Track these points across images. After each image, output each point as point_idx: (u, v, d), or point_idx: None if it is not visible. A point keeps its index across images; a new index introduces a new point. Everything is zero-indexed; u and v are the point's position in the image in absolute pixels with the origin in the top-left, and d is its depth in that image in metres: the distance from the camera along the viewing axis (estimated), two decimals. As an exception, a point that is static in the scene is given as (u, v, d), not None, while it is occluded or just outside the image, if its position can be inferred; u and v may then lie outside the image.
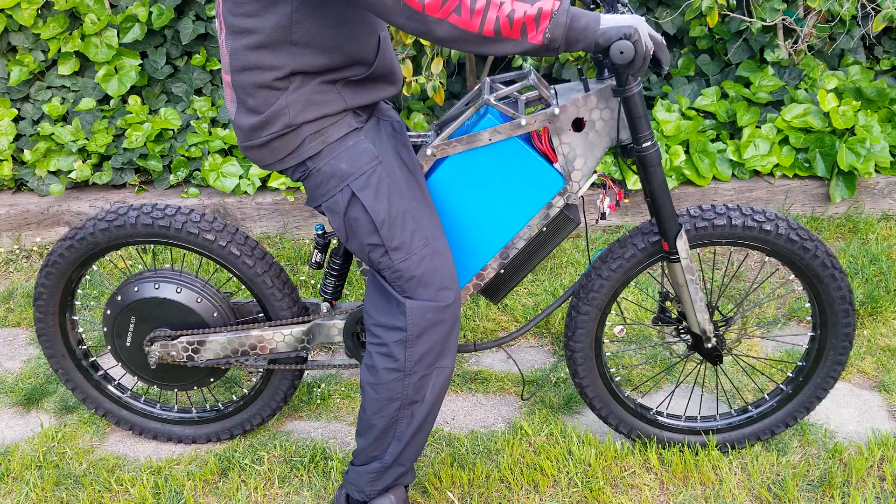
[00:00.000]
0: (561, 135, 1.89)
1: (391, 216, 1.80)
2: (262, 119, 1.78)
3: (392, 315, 1.82)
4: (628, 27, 1.61)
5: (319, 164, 1.81)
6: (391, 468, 1.92)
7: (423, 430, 1.90)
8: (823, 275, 2.01)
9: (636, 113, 1.82)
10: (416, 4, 1.57)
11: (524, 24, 1.59)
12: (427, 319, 1.80)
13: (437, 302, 1.81)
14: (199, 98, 3.71)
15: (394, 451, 1.90)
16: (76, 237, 2.11)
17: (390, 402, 1.85)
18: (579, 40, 1.61)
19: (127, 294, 2.15)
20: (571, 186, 1.94)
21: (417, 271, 1.80)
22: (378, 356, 1.84)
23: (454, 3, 1.57)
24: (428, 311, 1.80)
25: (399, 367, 1.82)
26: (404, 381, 1.83)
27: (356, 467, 1.96)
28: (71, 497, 2.17)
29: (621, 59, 1.61)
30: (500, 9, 1.58)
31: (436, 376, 1.85)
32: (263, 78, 1.74)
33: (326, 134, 1.81)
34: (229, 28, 1.75)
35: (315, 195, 1.87)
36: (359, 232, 1.82)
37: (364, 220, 1.80)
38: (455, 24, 1.59)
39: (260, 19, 1.70)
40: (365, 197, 1.79)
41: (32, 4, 3.58)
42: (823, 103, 3.35)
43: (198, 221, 2.08)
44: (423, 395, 1.86)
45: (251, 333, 2.15)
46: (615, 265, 2.03)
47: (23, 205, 3.62)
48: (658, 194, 1.91)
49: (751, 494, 2.09)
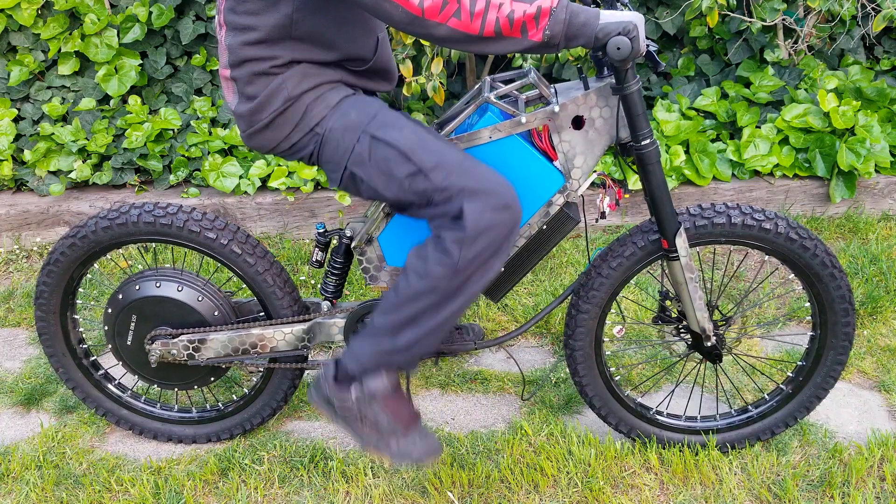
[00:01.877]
0: (561, 133, 1.90)
1: (417, 140, 1.77)
2: (262, 99, 1.80)
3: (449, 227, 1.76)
4: (627, 23, 1.62)
5: (329, 123, 1.82)
6: (400, 353, 1.86)
7: (446, 325, 1.84)
8: (823, 274, 2.00)
9: (635, 111, 1.83)
10: (414, 9, 1.59)
11: (524, 23, 1.60)
12: (486, 218, 1.72)
13: (497, 199, 1.74)
14: (199, 98, 3.71)
15: (409, 338, 1.84)
16: (78, 235, 2.12)
17: (430, 293, 1.79)
18: (579, 36, 1.62)
19: (128, 292, 2.15)
20: (571, 184, 1.94)
21: (462, 181, 1.74)
22: (433, 248, 1.78)
23: (453, 7, 1.58)
24: (486, 211, 1.73)
25: (451, 264, 1.75)
26: (452, 278, 1.76)
27: (364, 340, 1.89)
28: (71, 497, 2.17)
29: (618, 55, 1.62)
30: (499, 10, 1.59)
31: (481, 275, 1.79)
32: (262, 67, 1.78)
33: (327, 99, 1.82)
34: (230, 25, 1.78)
35: (335, 161, 1.83)
36: (392, 170, 1.78)
37: (392, 155, 1.77)
38: (455, 27, 1.60)
39: (261, 17, 1.73)
40: (385, 134, 1.78)
41: (32, 4, 3.58)
42: (823, 103, 3.35)
43: (199, 220, 2.09)
44: (462, 291, 1.79)
45: (252, 332, 2.15)
46: (615, 263, 2.03)
47: (23, 205, 3.62)
48: (657, 193, 1.91)
49: (751, 494, 2.08)
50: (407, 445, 1.90)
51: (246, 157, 3.60)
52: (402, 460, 1.90)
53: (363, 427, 1.91)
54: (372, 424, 1.90)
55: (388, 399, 1.90)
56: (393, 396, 1.91)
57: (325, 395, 1.94)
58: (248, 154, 3.60)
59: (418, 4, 1.58)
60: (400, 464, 1.91)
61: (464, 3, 1.58)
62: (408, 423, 1.92)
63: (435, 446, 1.91)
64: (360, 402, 1.90)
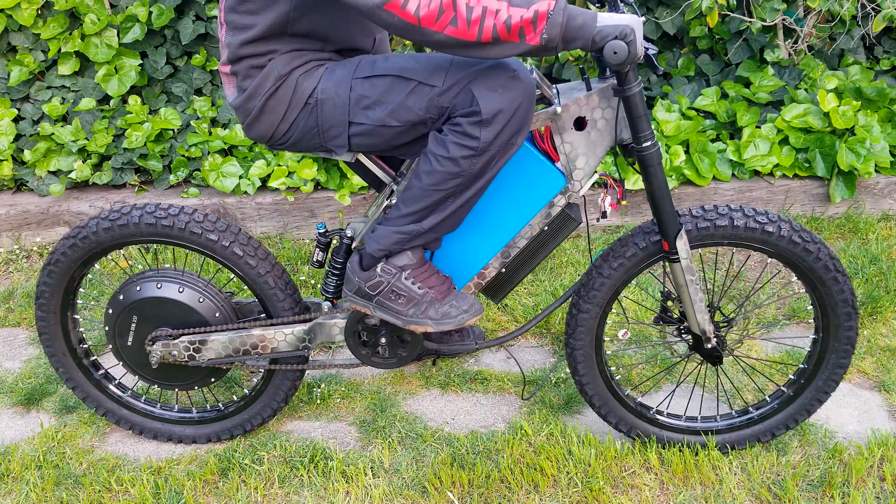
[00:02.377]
0: (563, 134, 1.89)
1: (404, 61, 1.79)
2: (254, 85, 1.83)
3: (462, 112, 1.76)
4: (625, 26, 1.61)
5: (320, 87, 1.82)
6: (424, 234, 1.88)
7: (468, 204, 1.84)
8: (826, 278, 2.00)
9: (637, 112, 1.82)
10: (410, 18, 1.59)
11: (521, 28, 1.60)
12: (498, 96, 1.71)
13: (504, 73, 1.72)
14: (199, 98, 3.71)
15: (433, 221, 1.85)
16: (79, 236, 2.12)
17: (454, 177, 1.78)
18: (576, 38, 1.62)
19: (129, 293, 2.15)
20: (573, 185, 1.94)
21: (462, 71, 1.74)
22: (452, 133, 1.76)
23: (450, 16, 1.58)
24: (496, 88, 1.71)
25: (474, 147, 1.74)
26: (476, 158, 1.76)
27: (387, 227, 1.89)
28: (71, 497, 2.17)
29: (614, 59, 1.62)
30: (496, 16, 1.58)
31: (504, 152, 1.78)
32: (258, 61, 1.82)
33: (317, 70, 1.84)
34: (230, 24, 1.81)
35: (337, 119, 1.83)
36: (392, 96, 1.78)
37: (387, 82, 1.78)
38: (452, 35, 1.60)
39: (259, 16, 1.77)
40: (373, 69, 1.79)
41: (32, 4, 3.58)
42: (823, 103, 3.35)
43: (201, 221, 2.08)
44: (486, 171, 1.79)
45: (253, 333, 2.15)
46: (616, 264, 2.03)
47: (23, 205, 3.62)
48: (658, 194, 1.91)
49: (751, 494, 2.08)
50: (446, 308, 1.93)
51: (246, 157, 3.60)
52: (443, 325, 1.92)
53: (398, 302, 1.93)
54: (406, 297, 1.92)
55: (417, 271, 1.93)
56: (421, 268, 1.93)
57: (355, 286, 1.96)
58: (248, 154, 3.60)
59: (414, 13, 1.58)
60: (442, 328, 1.92)
61: (460, 11, 1.58)
62: (442, 289, 1.95)
63: (476, 306, 1.94)
64: (388, 275, 1.92)
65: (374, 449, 2.30)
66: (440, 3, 1.57)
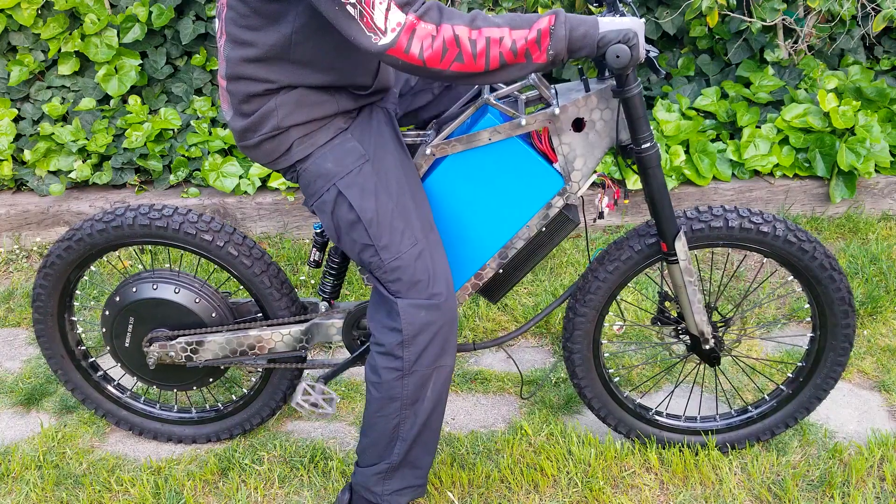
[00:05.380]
0: (561, 135, 1.89)
1: (379, 215, 1.78)
2: (252, 120, 1.78)
3: (389, 316, 1.82)
4: (627, 30, 1.61)
5: (306, 164, 1.82)
6: (400, 469, 1.91)
7: (427, 429, 1.89)
8: (822, 276, 2.00)
9: (636, 114, 1.81)
10: (416, 61, 1.58)
11: (527, 50, 1.59)
12: (421, 318, 1.78)
13: (429, 300, 1.79)
14: (199, 98, 3.71)
15: (400, 451, 1.88)
16: (73, 238, 2.11)
17: (391, 401, 1.84)
18: (581, 48, 1.61)
19: (125, 295, 2.15)
20: (571, 187, 1.94)
21: (407, 272, 1.78)
22: (379, 356, 1.84)
23: (454, 53, 1.57)
24: (420, 310, 1.78)
25: (398, 367, 1.80)
26: (404, 380, 1.81)
27: (363, 468, 1.94)
28: (71, 497, 2.17)
29: (617, 62, 1.61)
30: (500, 44, 1.58)
31: (436, 375, 1.84)
32: (255, 88, 1.75)
33: (315, 138, 1.81)
34: (230, 36, 1.74)
35: (307, 195, 1.87)
36: (348, 231, 1.82)
37: (352, 219, 1.80)
38: (459, 70, 1.59)
39: (261, 34, 1.69)
40: (352, 196, 1.78)
41: (32, 4, 3.58)
42: (823, 103, 3.35)
43: (195, 222, 2.08)
44: (423, 394, 1.84)
45: (249, 333, 2.15)
46: (612, 267, 2.03)
47: (23, 205, 3.62)
48: (657, 196, 1.90)
49: (751, 494, 2.08)
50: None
51: (246, 157, 3.60)
52: None
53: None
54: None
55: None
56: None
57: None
58: (248, 154, 3.60)
59: (419, 56, 1.57)
60: None
61: (464, 47, 1.56)
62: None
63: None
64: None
65: (373, 449, 2.30)
66: (443, 41, 1.55)
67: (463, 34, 1.56)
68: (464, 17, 1.58)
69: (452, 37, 1.56)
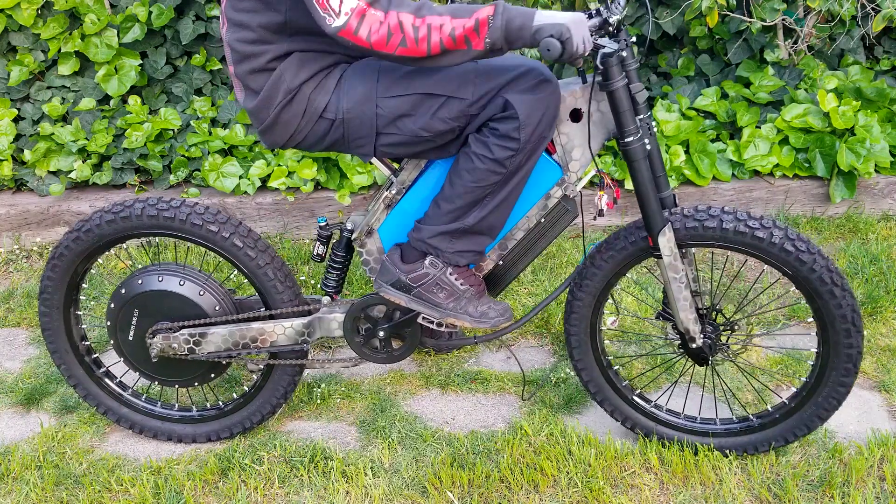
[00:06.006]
0: (559, 125, 1.92)
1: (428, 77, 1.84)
2: (265, 94, 1.87)
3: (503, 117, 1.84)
4: (561, 25, 1.66)
5: (342, 105, 1.88)
6: (469, 233, 1.94)
7: (510, 198, 1.92)
8: (822, 290, 1.92)
9: (620, 107, 1.85)
10: (364, 43, 1.70)
11: (466, 37, 1.68)
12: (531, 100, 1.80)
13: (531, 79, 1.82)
14: (199, 98, 3.71)
15: (477, 216, 1.92)
16: (83, 229, 2.14)
17: (495, 174, 1.86)
18: (518, 39, 1.69)
19: (131, 287, 2.18)
20: (569, 177, 1.97)
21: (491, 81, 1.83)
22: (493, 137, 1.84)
23: (398, 38, 1.68)
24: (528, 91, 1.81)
25: (516, 146, 1.83)
26: (517, 157, 1.84)
27: (429, 227, 1.96)
28: (71, 497, 2.17)
29: (547, 55, 1.66)
30: (441, 30, 1.67)
31: (538, 146, 1.87)
32: (260, 62, 1.85)
33: (326, 84, 1.89)
34: (230, 22, 1.86)
35: (365, 134, 1.90)
36: (423, 111, 1.86)
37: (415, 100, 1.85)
38: (403, 54, 1.70)
39: (258, 16, 1.82)
40: (399, 88, 1.85)
41: (32, 4, 3.58)
42: (823, 103, 3.35)
43: (202, 213, 2.12)
44: (524, 166, 1.88)
45: (252, 326, 2.17)
46: (607, 255, 2.07)
47: (23, 205, 3.62)
48: (642, 190, 1.92)
49: (751, 494, 2.08)
50: (484, 308, 2.02)
51: (246, 157, 3.60)
52: (481, 323, 2.02)
53: (439, 295, 2.01)
54: (448, 291, 2.00)
55: (460, 268, 2.00)
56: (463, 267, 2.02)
57: (394, 278, 2.02)
58: (248, 154, 3.60)
59: (366, 39, 1.69)
60: (479, 325, 2.02)
61: (407, 33, 1.67)
62: (479, 290, 2.03)
63: (507, 310, 2.04)
64: (434, 269, 1.98)
65: (374, 449, 2.30)
66: (388, 27, 1.68)
67: (407, 21, 1.67)
68: (411, 5, 1.69)
69: (397, 23, 1.67)
